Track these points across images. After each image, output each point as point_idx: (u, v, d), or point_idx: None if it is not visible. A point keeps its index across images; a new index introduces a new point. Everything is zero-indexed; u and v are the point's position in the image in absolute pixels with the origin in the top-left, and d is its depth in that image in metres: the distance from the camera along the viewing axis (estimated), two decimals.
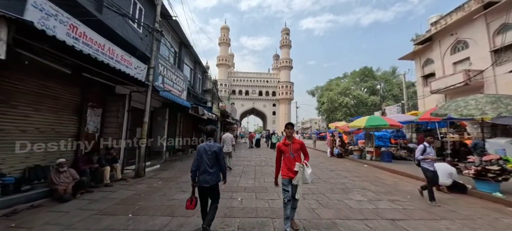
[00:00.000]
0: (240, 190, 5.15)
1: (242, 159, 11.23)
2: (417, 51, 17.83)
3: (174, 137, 11.97)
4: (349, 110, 37.58)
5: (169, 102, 8.71)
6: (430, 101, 16.33)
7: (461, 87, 13.03)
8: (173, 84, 8.31)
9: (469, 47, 13.78)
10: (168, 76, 7.80)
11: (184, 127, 13.76)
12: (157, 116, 9.53)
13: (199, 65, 17.18)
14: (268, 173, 7.23)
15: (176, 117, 12.33)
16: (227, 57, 70.58)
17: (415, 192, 5.25)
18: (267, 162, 9.93)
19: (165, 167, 8.11)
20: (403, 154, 11.12)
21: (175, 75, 8.53)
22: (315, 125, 79.96)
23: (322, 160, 11.28)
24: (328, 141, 13.37)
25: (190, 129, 15.14)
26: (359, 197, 4.88)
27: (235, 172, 7.25)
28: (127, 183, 5.58)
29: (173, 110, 10.24)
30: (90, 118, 6.00)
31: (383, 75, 42.94)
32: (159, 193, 4.81)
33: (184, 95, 9.59)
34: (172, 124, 11.50)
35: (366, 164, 9.79)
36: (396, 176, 7.34)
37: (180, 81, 8.91)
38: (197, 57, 16.27)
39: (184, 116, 13.25)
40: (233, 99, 69.15)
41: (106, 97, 6.51)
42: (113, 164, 5.72)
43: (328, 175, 7.16)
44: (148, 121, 9.33)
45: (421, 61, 17.65)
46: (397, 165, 8.97)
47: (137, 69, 6.08)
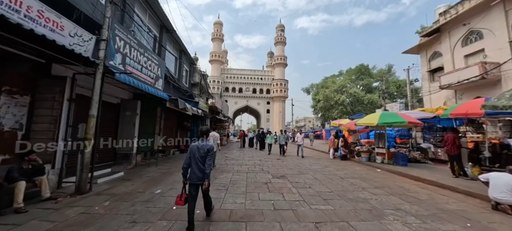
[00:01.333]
0: (224, 218, 3.44)
1: (232, 162, 9.49)
2: (423, 44, 16.57)
3: (152, 136, 10.11)
4: (346, 108, 36.56)
5: (142, 93, 6.88)
6: (437, 98, 15.11)
7: (476, 81, 11.78)
8: (143, 68, 6.46)
9: (484, 38, 12.54)
10: (133, 56, 5.96)
11: (166, 125, 11.89)
12: (125, 109, 7.66)
13: (185, 55, 15.25)
14: (264, 185, 5.55)
15: (154, 112, 10.45)
16: (220, 53, 68.30)
17: (467, 213, 3.76)
18: (262, 167, 8.25)
19: (130, 175, 6.28)
20: (417, 156, 9.72)
21: (147, 57, 6.68)
22: (309, 124, 79.07)
23: (326, 163, 9.71)
24: (330, 141, 11.85)
25: (173, 127, 13.25)
26: (400, 226, 3.28)
27: (220, 184, 5.53)
28: (55, 205, 3.76)
29: (149, 104, 8.37)
30: (7, 109, 4.12)
31: (379, 73, 42.14)
32: (91, 228, 3.03)
33: (160, 84, 7.75)
34: (149, 120, 9.61)
35: (379, 168, 8.29)
36: (423, 186, 5.82)
37: (153, 66, 7.06)
38: (183, 45, 14.34)
39: (167, 112, 11.38)
40: (226, 96, 67.04)
41: (38, 81, 4.63)
42: (35, 177, 3.87)
43: (341, 186, 5.56)
44: (114, 116, 7.52)
45: (428, 54, 16.40)
46: (416, 170, 7.50)
47: (76, 38, 4.22)
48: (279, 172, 7.15)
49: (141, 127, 8.24)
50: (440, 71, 15.36)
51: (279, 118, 64.97)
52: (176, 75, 14.32)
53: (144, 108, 8.83)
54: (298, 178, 6.34)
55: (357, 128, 10.14)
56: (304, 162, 9.62)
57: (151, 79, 6.97)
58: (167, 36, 12.10)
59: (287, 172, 7.32)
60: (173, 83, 12.26)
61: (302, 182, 5.85)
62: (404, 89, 38.08)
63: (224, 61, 75.08)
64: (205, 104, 13.20)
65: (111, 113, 7.35)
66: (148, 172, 6.69)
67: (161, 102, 8.08)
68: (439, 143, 10.24)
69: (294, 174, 7.00)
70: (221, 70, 68.03)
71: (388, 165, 8.46)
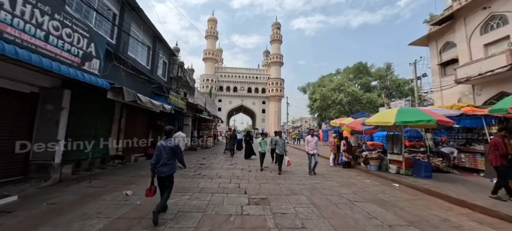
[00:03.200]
0: None
1: (203, 173, 7.30)
2: (432, 34, 14.70)
3: (105, 137, 7.89)
4: (343, 107, 34.89)
5: (73, 81, 4.68)
6: (450, 94, 13.23)
7: (501, 73, 9.90)
8: (52, 37, 4.26)
9: (509, 23, 10.69)
10: (31, 16, 3.78)
11: (132, 124, 9.67)
12: (46, 102, 5.43)
13: (161, 42, 13.03)
14: (229, 220, 3.43)
15: (110, 108, 8.24)
16: (214, 51, 66.03)
17: None
18: (239, 182, 6.10)
19: (28, 201, 4.08)
20: (440, 164, 7.74)
21: (61, 21, 4.48)
22: (306, 124, 77.27)
23: (325, 173, 7.61)
24: (330, 144, 9.80)
25: (143, 128, 11.03)
26: None
27: (162, 215, 3.39)
28: None
29: (94, 96, 6.14)
30: None
31: (377, 71, 40.59)
32: None
33: (96, 66, 5.52)
34: (103, 118, 7.42)
35: (396, 182, 6.25)
36: (477, 216, 3.79)
37: (76, 37, 4.83)
38: (157, 31, 12.14)
39: (131, 109, 9.17)
40: (221, 95, 64.81)
41: None
42: None
43: (353, 222, 3.47)
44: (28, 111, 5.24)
45: (439, 45, 14.53)
46: (448, 186, 5.49)
47: None
48: (260, 192, 5.03)
49: (76, 127, 6.02)
50: (453, 64, 13.51)
51: (275, 118, 62.98)
52: (149, 66, 12.11)
53: (87, 102, 6.62)
54: (286, 204, 4.23)
55: (364, 129, 8.10)
56: (298, 173, 7.51)
57: (73, 56, 4.76)
58: (131, 15, 9.86)
59: (271, 190, 5.19)
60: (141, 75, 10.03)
61: (292, 213, 3.74)
62: (404, 88, 36.68)
63: (218, 60, 72.81)
64: (180, 100, 10.98)
65: (21, 107, 5.13)
66: (63, 194, 4.47)
67: (101, 92, 5.85)
68: (463, 147, 8.32)
69: (280, 194, 4.89)
70: (215, 68, 65.75)
71: (407, 177, 6.44)
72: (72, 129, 5.86)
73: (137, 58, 10.75)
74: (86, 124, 6.60)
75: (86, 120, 6.67)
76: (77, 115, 6.18)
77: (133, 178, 6.05)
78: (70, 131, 5.73)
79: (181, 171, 6.81)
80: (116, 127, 8.76)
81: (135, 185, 5.24)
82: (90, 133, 6.52)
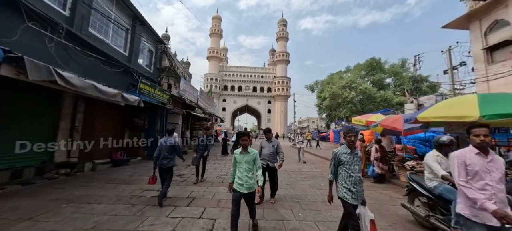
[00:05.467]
0: None
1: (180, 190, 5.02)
2: (475, 11, 11.91)
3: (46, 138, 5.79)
4: (355, 106, 32.04)
5: None
6: (502, 85, 10.41)
7: None
8: None
9: None
10: None
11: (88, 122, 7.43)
12: None
13: (143, 25, 10.94)
14: None
15: (56, 100, 6.12)
16: (218, 49, 64.19)
17: None
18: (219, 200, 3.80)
19: None
20: None
21: None
22: (313, 125, 74.15)
23: None
24: None
25: (115, 126, 8.90)
26: None
27: None
28: None
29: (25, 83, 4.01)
30: None
31: (391, 67, 37.45)
32: None
33: None
34: (43, 113, 5.32)
35: None
36: None
37: None
38: (136, 11, 10.07)
39: (88, 103, 7.04)
40: (225, 95, 62.81)
41: None
42: None
43: None
44: None
45: (483, 26, 11.73)
46: None
47: None
48: None
49: None
50: (504, 47, 10.71)
51: (280, 118, 60.39)
52: (126, 53, 10.02)
53: (13, 90, 4.49)
54: None
55: (406, 128, 5.56)
56: (304, 188, 5.09)
57: None
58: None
59: None
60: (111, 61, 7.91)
61: None
62: (423, 85, 33.37)
63: (223, 58, 70.96)
64: (159, 91, 8.77)
65: None
66: None
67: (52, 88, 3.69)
68: None
69: None
70: (219, 67, 63.88)
71: None
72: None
73: (106, 40, 8.66)
74: (11, 121, 4.46)
75: (11, 114, 4.54)
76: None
77: (49, 204, 3.77)
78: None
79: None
80: (66, 126, 6.64)
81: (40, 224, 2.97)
82: (18, 134, 4.38)
